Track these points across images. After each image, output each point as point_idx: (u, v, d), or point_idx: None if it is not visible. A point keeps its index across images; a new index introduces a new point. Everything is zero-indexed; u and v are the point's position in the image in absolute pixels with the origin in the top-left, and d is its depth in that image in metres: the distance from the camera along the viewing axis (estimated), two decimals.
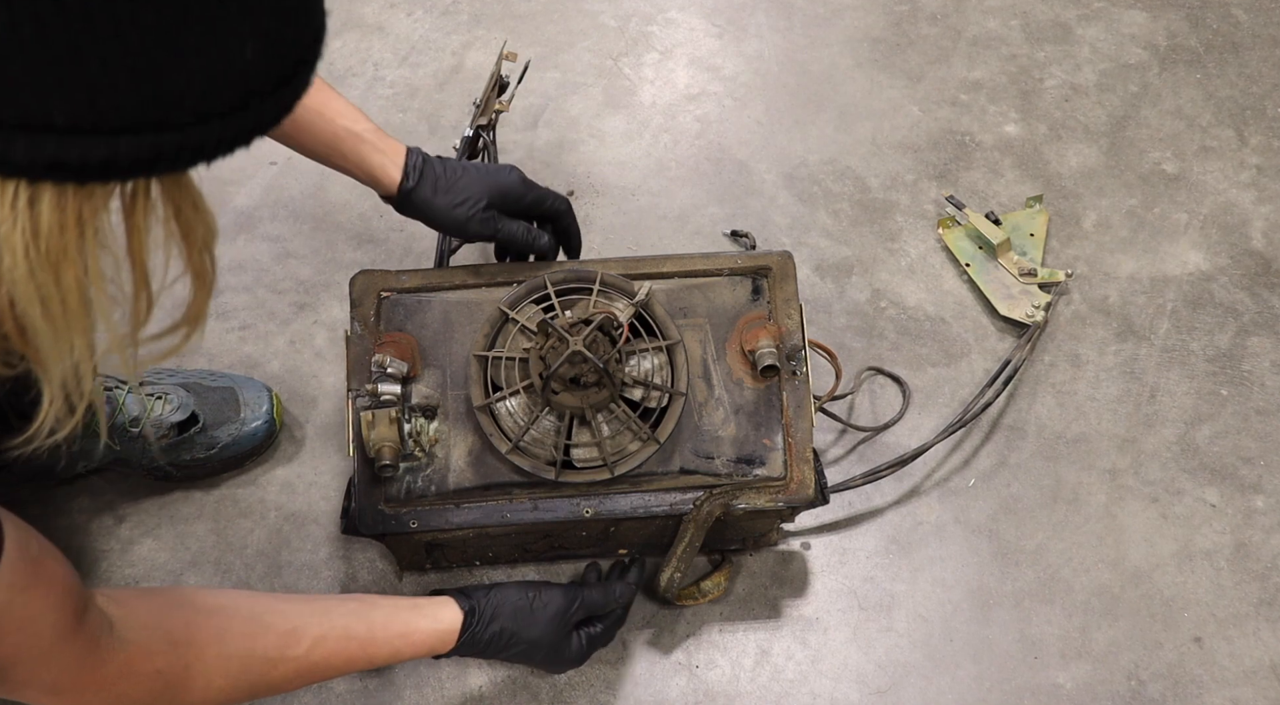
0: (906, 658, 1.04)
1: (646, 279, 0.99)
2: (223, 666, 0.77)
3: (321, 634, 0.82)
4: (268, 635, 0.80)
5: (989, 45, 1.51)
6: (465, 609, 0.89)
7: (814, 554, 1.10)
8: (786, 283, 1.00)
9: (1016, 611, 1.07)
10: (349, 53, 1.51)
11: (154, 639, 0.73)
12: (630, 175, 1.39)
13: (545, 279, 0.98)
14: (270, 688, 0.81)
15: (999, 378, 1.18)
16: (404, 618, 0.87)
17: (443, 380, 0.97)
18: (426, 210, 0.98)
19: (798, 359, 0.98)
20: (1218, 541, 1.12)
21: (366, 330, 0.97)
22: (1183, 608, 1.08)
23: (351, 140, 0.97)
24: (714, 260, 1.01)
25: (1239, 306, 1.29)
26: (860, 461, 1.16)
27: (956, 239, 1.32)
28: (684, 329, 0.98)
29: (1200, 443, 1.19)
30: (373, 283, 0.99)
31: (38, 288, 0.50)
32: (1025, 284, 1.27)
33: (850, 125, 1.44)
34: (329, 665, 0.83)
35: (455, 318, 0.98)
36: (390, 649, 0.86)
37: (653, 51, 1.51)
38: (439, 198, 0.97)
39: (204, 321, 0.62)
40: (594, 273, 0.98)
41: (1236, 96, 1.47)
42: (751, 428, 0.97)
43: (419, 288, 0.99)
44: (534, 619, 0.91)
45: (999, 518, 1.13)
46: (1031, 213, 1.35)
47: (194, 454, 1.09)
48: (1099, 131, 1.44)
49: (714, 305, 1.00)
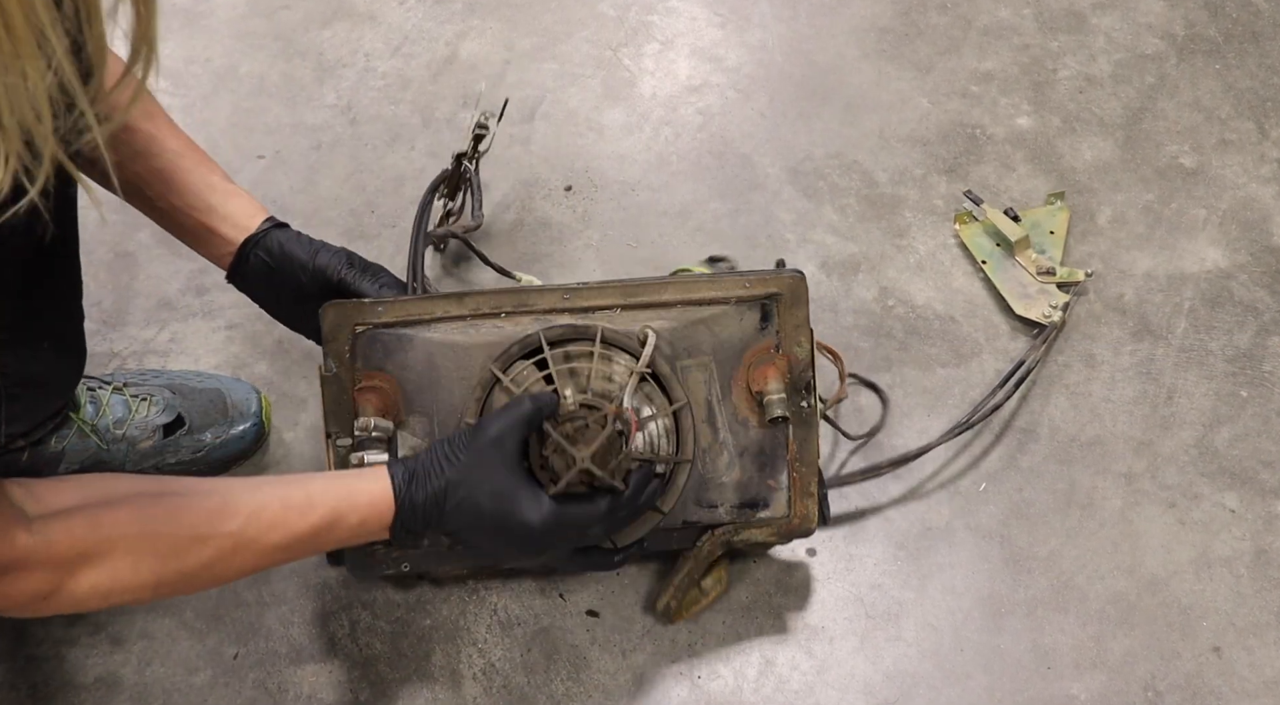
0: (915, 668, 1.04)
1: (647, 310, 0.94)
2: (149, 546, 0.76)
3: (256, 508, 0.79)
4: (197, 511, 0.77)
5: (1000, 35, 1.51)
6: (395, 476, 0.83)
7: (819, 561, 1.10)
8: (798, 307, 0.96)
9: (1029, 620, 1.07)
10: (339, 43, 1.51)
11: (71, 520, 0.73)
12: (630, 169, 1.40)
13: (540, 337, 0.92)
14: (204, 569, 0.78)
15: (1010, 379, 1.18)
16: (346, 484, 0.83)
17: (430, 428, 0.94)
18: (285, 249, 0.96)
19: (807, 392, 0.97)
20: (1237, 548, 1.12)
21: (342, 368, 0.92)
22: (1201, 616, 1.08)
23: (224, 192, 0.96)
24: (720, 286, 0.96)
25: (1259, 305, 1.29)
26: (861, 460, 1.16)
27: (973, 235, 1.32)
28: (688, 370, 0.95)
29: (1219, 446, 1.19)
30: (345, 316, 0.92)
31: None
32: (1043, 283, 1.27)
33: (857, 118, 1.44)
34: (268, 541, 0.80)
35: (440, 361, 0.93)
36: (327, 517, 0.81)
37: (653, 42, 1.51)
38: (296, 245, 0.98)
39: (155, 43, 0.59)
40: (594, 328, 0.92)
41: (1257, 88, 1.47)
42: (756, 469, 0.98)
43: (398, 322, 0.92)
44: (478, 468, 0.84)
45: (1010, 523, 1.13)
46: (1052, 210, 1.35)
47: (180, 457, 1.10)
48: (1114, 124, 1.44)
49: (720, 340, 0.96)
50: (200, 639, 1.04)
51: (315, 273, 0.96)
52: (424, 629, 1.05)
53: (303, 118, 1.45)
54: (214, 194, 0.96)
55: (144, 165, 0.92)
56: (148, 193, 0.95)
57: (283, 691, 1.01)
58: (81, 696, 1.00)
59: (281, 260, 0.96)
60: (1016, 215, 1.31)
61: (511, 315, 0.93)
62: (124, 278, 1.30)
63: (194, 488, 0.81)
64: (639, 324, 0.94)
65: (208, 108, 1.45)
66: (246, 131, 1.43)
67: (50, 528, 0.73)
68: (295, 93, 1.48)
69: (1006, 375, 1.19)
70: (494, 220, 1.36)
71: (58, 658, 1.02)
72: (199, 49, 1.51)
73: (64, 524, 0.73)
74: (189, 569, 0.78)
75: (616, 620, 1.06)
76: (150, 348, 1.24)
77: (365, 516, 0.83)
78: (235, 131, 1.43)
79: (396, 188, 1.38)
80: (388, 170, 1.40)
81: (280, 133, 1.43)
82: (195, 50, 1.51)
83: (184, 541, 0.77)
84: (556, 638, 1.05)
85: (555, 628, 1.05)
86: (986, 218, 1.31)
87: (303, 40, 1.53)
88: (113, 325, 1.25)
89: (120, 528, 0.75)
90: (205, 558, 0.78)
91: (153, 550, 0.76)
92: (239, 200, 0.97)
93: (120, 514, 0.76)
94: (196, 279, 1.29)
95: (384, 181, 1.39)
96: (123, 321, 1.26)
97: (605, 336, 0.92)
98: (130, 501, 0.77)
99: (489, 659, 1.03)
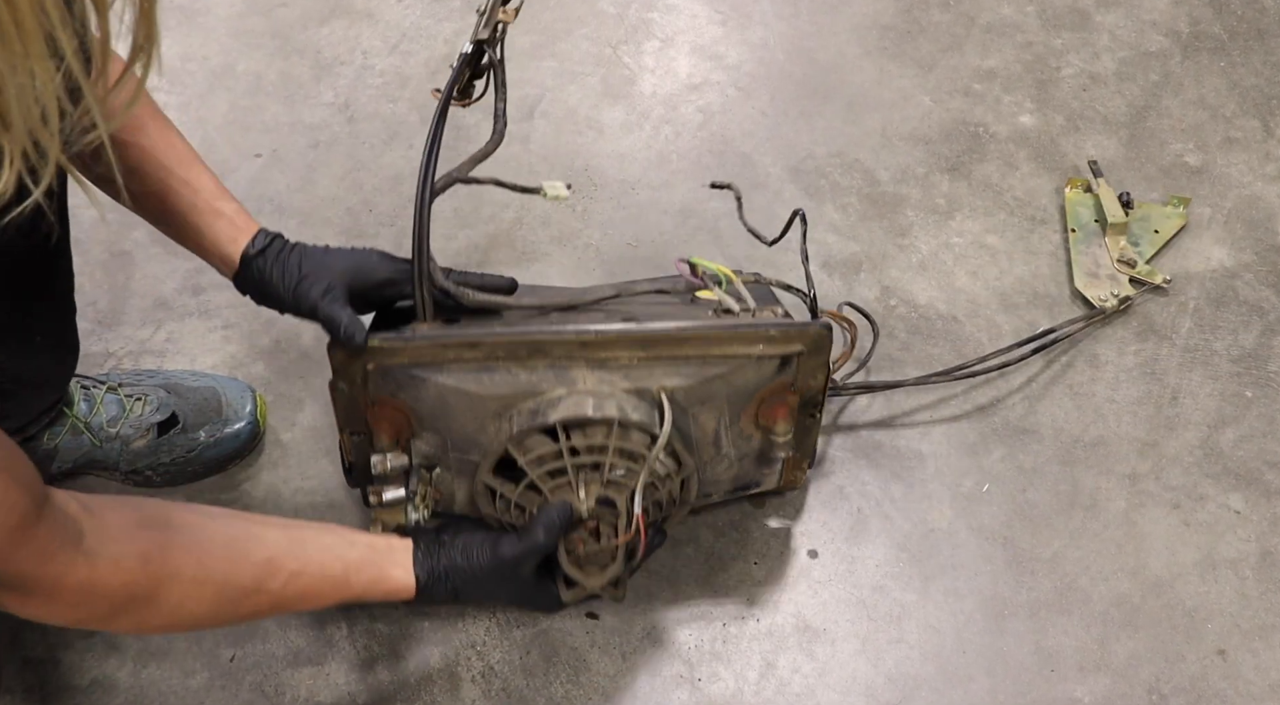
0: (917, 670, 1.04)
1: (664, 362, 0.91)
2: (197, 592, 0.78)
3: (299, 568, 0.83)
4: (246, 564, 0.81)
5: (1003, 32, 1.51)
6: (419, 573, 0.90)
7: (821, 563, 1.10)
8: (820, 353, 0.93)
9: (1032, 622, 1.07)
10: (337, 41, 1.51)
11: (125, 554, 0.74)
12: (630, 168, 1.40)
13: (558, 425, 0.90)
14: (239, 617, 0.84)
15: (1033, 341, 1.19)
16: (378, 563, 0.88)
17: (443, 443, 0.95)
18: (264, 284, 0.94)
19: (815, 408, 0.98)
20: (1242, 549, 1.12)
21: (354, 390, 0.92)
22: (1206, 619, 1.08)
23: (210, 214, 0.95)
24: (742, 339, 0.91)
25: (1265, 304, 1.29)
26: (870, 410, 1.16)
27: (1077, 202, 1.33)
28: (698, 413, 0.95)
29: (1224, 446, 1.19)
30: (355, 356, 0.91)
31: None
32: (1119, 270, 1.27)
33: (859, 116, 1.44)
34: (301, 600, 0.85)
35: (454, 403, 0.92)
36: (361, 591, 0.88)
37: (653, 39, 1.52)
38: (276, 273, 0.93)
39: (157, 41, 0.60)
40: (611, 418, 0.89)
41: (1262, 85, 1.47)
42: (753, 465, 1.01)
43: (410, 363, 0.91)
44: (491, 576, 0.92)
45: (1013, 524, 1.13)
46: (1169, 211, 1.34)
47: (174, 456, 1.10)
48: (1118, 122, 1.44)
49: (734, 388, 0.94)
50: (196, 641, 1.04)
51: (296, 307, 0.94)
52: (422, 631, 1.05)
53: (300, 116, 1.45)
54: (200, 216, 0.94)
55: (138, 185, 0.92)
56: (144, 211, 0.96)
57: (280, 694, 1.01)
58: (78, 699, 1.00)
59: (267, 291, 0.95)
60: (1130, 202, 1.32)
61: (525, 361, 0.91)
62: (120, 277, 1.30)
63: (248, 533, 0.83)
64: (655, 380, 0.92)
65: (204, 106, 1.45)
66: (243, 130, 1.43)
67: (104, 560, 0.73)
68: (293, 91, 1.48)
69: (1029, 337, 1.19)
70: (493, 219, 1.36)
71: (53, 661, 1.02)
72: (196, 47, 1.51)
73: (119, 561, 0.74)
74: (225, 617, 0.83)
75: (616, 622, 1.06)
76: (146, 348, 1.24)
77: (386, 595, 0.91)
78: (232, 130, 1.43)
79: (394, 186, 1.38)
80: (386, 169, 1.40)
81: (278, 131, 1.43)
82: (192, 48, 1.51)
83: (234, 592, 0.81)
84: (556, 640, 1.05)
85: (554, 630, 1.05)
86: (1098, 192, 1.31)
87: (300, 38, 1.53)
88: (108, 325, 1.25)
89: (177, 568, 0.77)
90: (244, 611, 0.83)
91: (204, 597, 0.79)
92: (221, 223, 0.95)
93: (178, 556, 0.77)
94: (193, 278, 1.29)
95: (382, 180, 1.39)
96: (118, 321, 1.26)
97: (624, 421, 0.90)
98: (188, 541, 0.78)
99: (488, 661, 1.03)
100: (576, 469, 0.92)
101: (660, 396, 0.91)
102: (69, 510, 0.72)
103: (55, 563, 0.70)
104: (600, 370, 0.91)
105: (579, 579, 0.93)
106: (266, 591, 0.82)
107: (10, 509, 0.66)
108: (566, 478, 0.92)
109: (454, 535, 0.93)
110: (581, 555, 0.93)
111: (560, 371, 0.91)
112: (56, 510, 0.71)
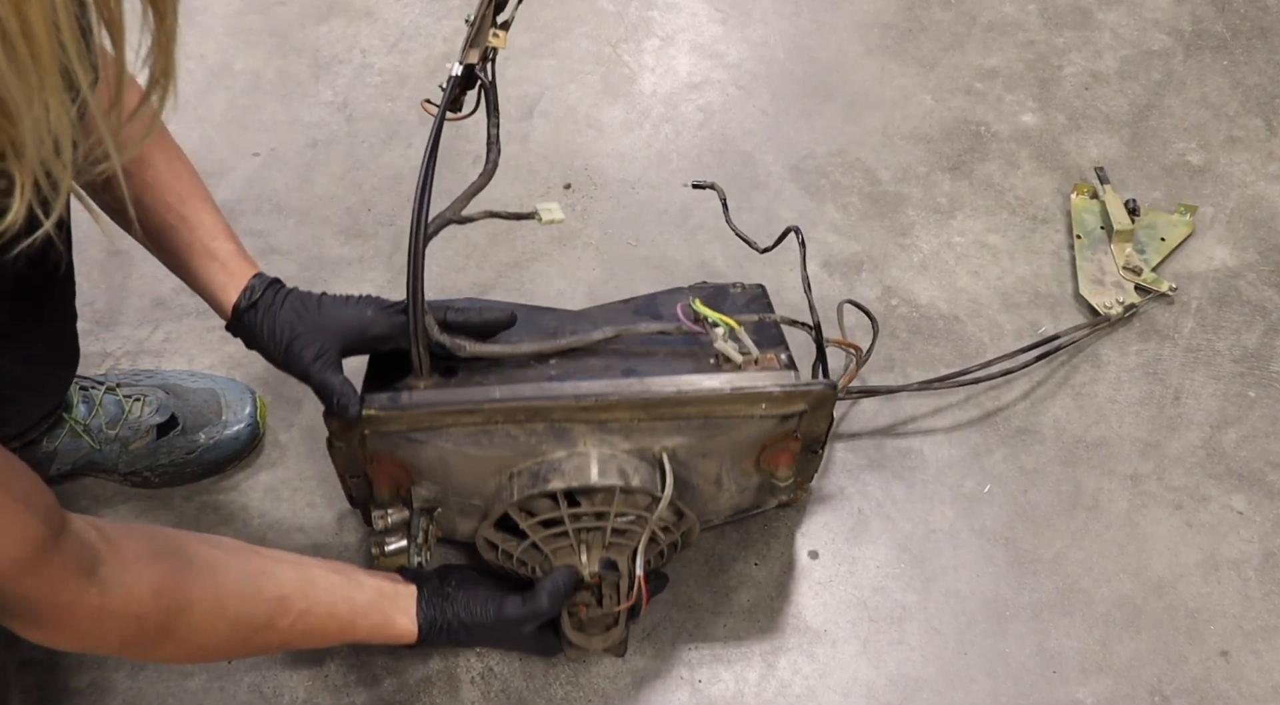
0: (919, 672, 1.04)
1: (665, 421, 0.90)
2: (209, 626, 0.79)
3: (307, 607, 0.84)
4: (258, 601, 0.82)
5: (1005, 31, 1.51)
6: (422, 622, 0.92)
7: (821, 563, 1.10)
8: (824, 408, 0.92)
9: (1034, 623, 1.07)
10: (335, 39, 1.51)
11: (139, 584, 0.74)
12: (630, 167, 1.39)
13: (559, 495, 0.89)
14: (248, 652, 0.86)
15: (1036, 347, 1.19)
16: (384, 608, 0.89)
17: (444, 494, 0.95)
18: (255, 339, 0.92)
19: (818, 445, 0.98)
20: (1245, 550, 1.12)
21: (352, 449, 0.92)
22: (1209, 620, 1.08)
23: (204, 256, 0.93)
24: (746, 400, 0.90)
25: (1267, 304, 1.29)
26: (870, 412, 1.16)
27: (1082, 209, 1.33)
28: (700, 464, 0.95)
29: (1227, 447, 1.19)
30: (354, 432, 0.90)
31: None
32: (1124, 278, 1.27)
33: (860, 115, 1.44)
34: (306, 639, 0.86)
35: (453, 462, 0.92)
36: (365, 634, 0.89)
37: (653, 38, 1.51)
38: (267, 329, 0.90)
39: (174, 75, 0.60)
40: (613, 486, 0.89)
41: (1265, 84, 1.47)
42: (754, 494, 1.01)
43: (408, 429, 0.90)
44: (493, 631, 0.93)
45: (1015, 525, 1.13)
46: (1175, 219, 1.34)
47: (173, 457, 1.09)
48: (1121, 121, 1.44)
49: (737, 441, 0.94)
50: None
51: (288, 368, 0.92)
52: None
53: (298, 115, 1.45)
54: (195, 257, 0.93)
55: (141, 221, 0.91)
56: (148, 245, 0.95)
57: (278, 696, 1.01)
58: (75, 701, 1.00)
59: (259, 346, 0.93)
60: (1137, 209, 1.31)
61: (525, 424, 0.90)
62: (117, 277, 1.30)
63: (262, 569, 0.83)
64: (656, 439, 0.91)
65: (202, 105, 1.45)
66: (241, 129, 1.43)
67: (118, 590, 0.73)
68: (291, 89, 1.48)
69: (1033, 344, 1.19)
70: (492, 220, 1.35)
71: (50, 663, 1.02)
72: (193, 46, 1.51)
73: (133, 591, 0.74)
74: (234, 651, 0.85)
75: None
76: (144, 348, 1.24)
77: (388, 640, 0.92)
78: (230, 128, 1.43)
79: (393, 185, 1.38)
80: (384, 168, 1.40)
81: (276, 130, 1.43)
82: (189, 47, 1.51)
83: (245, 629, 0.81)
84: None
85: None
86: (1104, 199, 1.31)
87: (298, 36, 1.53)
88: (106, 325, 1.25)
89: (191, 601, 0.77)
90: (254, 646, 0.84)
91: (215, 631, 0.80)
92: (214, 267, 0.93)
93: (193, 589, 0.77)
94: None
95: (380, 179, 1.39)
96: (116, 321, 1.26)
97: (625, 488, 0.89)
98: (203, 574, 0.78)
99: (487, 663, 1.03)
100: (578, 532, 0.92)
101: (662, 457, 0.91)
102: (86, 538, 0.72)
103: (68, 591, 0.70)
104: (601, 431, 0.90)
105: (582, 643, 0.94)
106: (276, 629, 0.82)
107: (23, 539, 0.66)
108: (569, 540, 0.92)
109: (457, 587, 0.93)
110: (584, 619, 0.94)
111: (560, 432, 0.90)
112: (74, 537, 0.70)
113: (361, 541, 1.10)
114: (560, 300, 1.28)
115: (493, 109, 0.90)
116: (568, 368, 0.92)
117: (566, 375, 0.91)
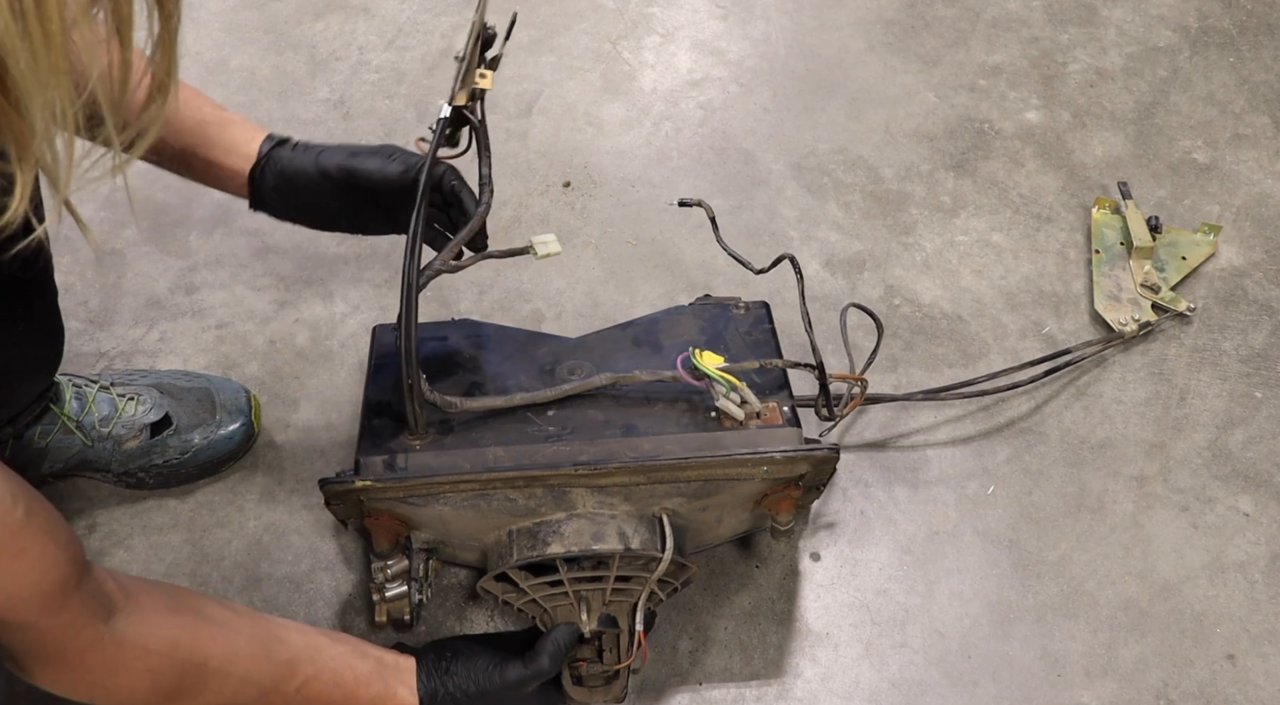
0: (922, 676, 1.04)
1: (666, 484, 0.90)
2: (218, 685, 0.79)
3: (313, 674, 0.85)
4: (268, 663, 0.82)
5: (1009, 27, 1.51)
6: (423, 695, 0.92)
7: (823, 566, 1.10)
8: (826, 466, 0.92)
9: (1038, 626, 1.07)
10: (332, 35, 1.51)
11: (154, 638, 0.75)
12: (630, 165, 1.39)
13: (560, 562, 0.89)
14: None
15: (1045, 361, 1.18)
16: (386, 679, 0.90)
17: (443, 538, 0.96)
18: (285, 173, 0.95)
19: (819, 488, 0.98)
20: (1252, 552, 1.12)
21: (350, 509, 0.92)
22: (1215, 623, 1.07)
23: (219, 126, 0.96)
24: (746, 464, 0.89)
25: (1274, 303, 1.29)
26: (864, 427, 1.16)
27: (1103, 223, 1.33)
28: (700, 514, 0.95)
29: (1233, 448, 1.19)
30: (350, 495, 0.90)
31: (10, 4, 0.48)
32: (1141, 295, 1.26)
33: (862, 112, 1.44)
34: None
35: (452, 522, 0.93)
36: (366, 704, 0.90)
37: (653, 34, 1.51)
38: (300, 153, 0.96)
39: (176, 75, 0.62)
40: (613, 552, 0.89)
41: (1272, 81, 1.47)
42: (754, 519, 1.01)
43: (404, 497, 0.90)
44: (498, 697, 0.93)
45: (1019, 527, 1.13)
46: (1198, 238, 1.33)
47: (167, 457, 1.09)
48: (1126, 119, 1.44)
49: (738, 496, 0.94)
50: None
51: (324, 176, 0.95)
52: (421, 637, 1.05)
53: (295, 112, 1.45)
54: (209, 128, 0.95)
55: None
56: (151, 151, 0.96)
57: None
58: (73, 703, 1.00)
59: (292, 177, 0.95)
60: (1158, 226, 1.31)
61: (523, 489, 0.89)
62: (111, 276, 1.30)
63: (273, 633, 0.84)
64: (656, 501, 0.91)
65: None
66: None
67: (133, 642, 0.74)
68: (287, 86, 1.47)
69: (1043, 357, 1.19)
70: (491, 218, 1.35)
71: None
72: (189, 42, 1.51)
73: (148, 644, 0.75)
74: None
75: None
76: (138, 348, 1.24)
77: None
78: None
79: None
80: None
81: (272, 127, 1.41)
82: (185, 43, 1.51)
83: (253, 691, 0.82)
84: None
85: None
86: (1125, 214, 1.31)
87: (295, 33, 1.53)
88: (100, 325, 1.25)
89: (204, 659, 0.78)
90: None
91: (224, 691, 0.80)
92: (233, 129, 0.96)
93: (206, 646, 0.78)
94: (186, 277, 1.29)
95: None
96: (110, 321, 1.26)
97: (626, 555, 0.90)
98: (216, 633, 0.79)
99: None
100: (578, 591, 0.93)
101: (662, 518, 0.91)
102: (105, 586, 0.73)
103: (84, 636, 0.71)
104: (600, 493, 0.91)
105: (584, 699, 0.95)
106: (281, 693, 0.83)
107: (50, 568, 0.66)
108: (569, 599, 0.93)
109: (454, 659, 0.93)
110: (584, 674, 0.95)
111: (559, 495, 0.90)
112: (94, 582, 0.71)
113: (358, 543, 1.10)
114: (560, 299, 1.28)
115: (483, 149, 0.90)
116: (566, 422, 0.92)
117: (564, 433, 0.91)
